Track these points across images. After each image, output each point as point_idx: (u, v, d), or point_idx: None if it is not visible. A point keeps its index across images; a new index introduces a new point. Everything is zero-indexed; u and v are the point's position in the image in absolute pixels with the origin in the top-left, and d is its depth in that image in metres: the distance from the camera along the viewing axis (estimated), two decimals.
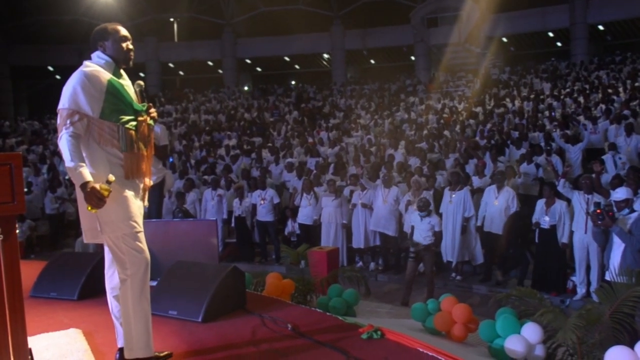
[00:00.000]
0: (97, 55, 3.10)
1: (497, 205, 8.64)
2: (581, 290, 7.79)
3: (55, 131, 21.44)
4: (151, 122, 3.17)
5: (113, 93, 2.99)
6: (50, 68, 31.92)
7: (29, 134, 22.74)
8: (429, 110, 18.64)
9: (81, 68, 3.02)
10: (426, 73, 26.75)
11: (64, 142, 2.83)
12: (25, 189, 13.07)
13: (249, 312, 4.05)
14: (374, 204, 9.89)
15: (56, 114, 2.93)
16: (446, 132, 14.71)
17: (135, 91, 3.18)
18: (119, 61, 3.14)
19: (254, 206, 10.93)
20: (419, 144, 13.15)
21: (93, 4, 26.25)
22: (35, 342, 3.27)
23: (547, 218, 7.93)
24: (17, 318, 2.26)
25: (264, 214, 10.82)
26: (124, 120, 2.99)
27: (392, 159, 11.99)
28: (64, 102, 2.92)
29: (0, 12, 27.91)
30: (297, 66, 34.58)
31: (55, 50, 30.01)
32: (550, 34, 27.77)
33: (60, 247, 12.36)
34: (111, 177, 2.83)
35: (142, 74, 31.68)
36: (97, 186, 2.74)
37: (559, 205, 7.93)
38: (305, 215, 10.52)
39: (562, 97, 16.87)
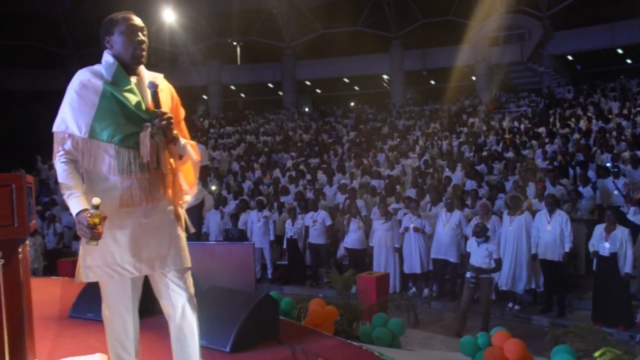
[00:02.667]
0: (104, 55, 2.68)
1: (551, 230, 8.16)
2: None
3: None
4: (159, 133, 2.60)
5: (107, 103, 2.55)
6: None
7: None
8: (490, 131, 18.11)
9: (75, 75, 2.64)
10: (487, 93, 26.12)
11: (57, 171, 2.55)
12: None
13: (280, 343, 3.86)
14: (435, 229, 9.56)
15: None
16: (508, 154, 14.21)
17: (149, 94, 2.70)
18: (125, 59, 2.65)
19: (306, 228, 10.80)
20: (477, 166, 12.72)
21: (158, 29, 27.10)
22: None
23: (607, 245, 7.39)
24: (18, 347, 2.15)
25: (316, 236, 10.66)
26: (119, 137, 2.53)
27: (449, 181, 11.62)
28: (55, 123, 2.59)
29: (75, 40, 29.23)
30: (356, 87, 34.59)
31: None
32: (620, 51, 26.63)
33: None
34: (96, 201, 2.38)
35: (205, 97, 32.50)
36: (86, 214, 2.37)
37: (620, 231, 7.38)
38: (353, 239, 10.28)
39: (632, 116, 16.02)
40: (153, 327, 4.30)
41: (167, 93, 2.79)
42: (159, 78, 2.77)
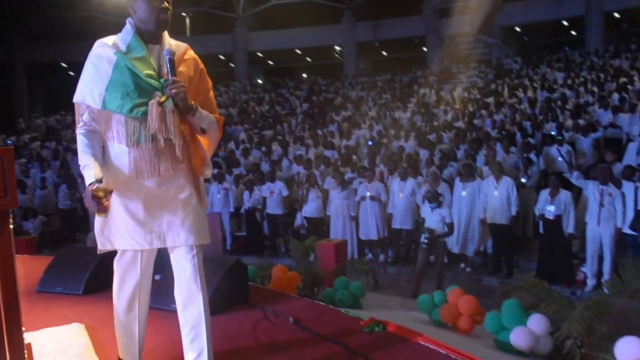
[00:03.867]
0: (126, 23, 2.63)
1: (498, 195, 8.58)
2: (592, 282, 7.71)
3: (69, 127, 21.87)
4: (169, 102, 2.50)
5: (119, 73, 2.50)
6: (64, 65, 32.16)
7: (44, 130, 22.94)
8: (440, 101, 18.52)
9: (94, 45, 2.60)
10: (438, 64, 26.54)
11: (77, 142, 2.55)
12: (40, 185, 13.28)
13: (251, 306, 4.05)
14: (391, 199, 9.84)
15: (69, 110, 2.75)
16: (458, 123, 14.62)
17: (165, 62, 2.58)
18: (148, 25, 2.58)
19: (264, 199, 10.94)
20: (429, 135, 13.07)
21: (105, 0, 26.33)
22: (36, 337, 3.29)
23: (552, 208, 7.85)
24: (12, 313, 2.25)
25: (273, 207, 10.83)
26: (127, 107, 2.50)
27: (402, 150, 11.92)
28: (75, 94, 2.59)
29: (15, 10, 28.20)
30: (308, 59, 34.54)
31: (68, 47, 30.17)
32: (565, 23, 27.41)
33: (71, 242, 12.47)
34: (98, 175, 2.41)
35: None
36: (91, 187, 2.37)
37: (564, 195, 7.86)
38: (312, 208, 10.51)
39: (575, 86, 16.67)
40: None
41: (190, 63, 2.71)
42: (181, 47, 2.72)
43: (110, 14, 27.89)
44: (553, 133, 11.38)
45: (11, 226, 2.29)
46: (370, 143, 13.46)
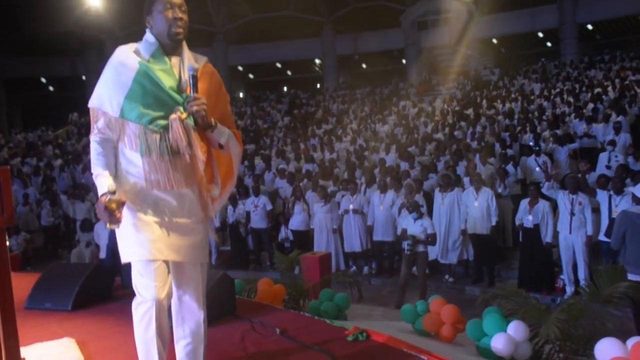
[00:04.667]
0: (145, 34, 2.62)
1: (478, 206, 8.77)
2: (570, 289, 7.90)
3: (49, 143, 21.73)
4: (189, 119, 2.50)
5: (142, 82, 2.46)
6: (43, 80, 32.00)
7: (24, 146, 22.77)
8: (421, 113, 18.77)
9: (115, 52, 2.57)
10: (418, 76, 26.92)
11: (90, 149, 2.53)
12: (22, 201, 13.21)
13: (239, 318, 4.14)
14: (372, 212, 9.98)
15: (49, 126, 2.74)
16: (438, 135, 14.84)
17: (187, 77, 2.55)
18: (164, 38, 2.57)
19: (248, 213, 11.02)
20: (409, 148, 13.26)
21: (84, 14, 26.29)
22: (29, 352, 3.34)
23: (530, 217, 8.06)
24: (10, 329, 2.33)
25: (257, 221, 10.91)
26: (147, 119, 2.47)
27: (383, 163, 12.09)
28: (91, 99, 2.55)
29: None
30: (289, 72, 34.75)
31: (47, 61, 30.10)
32: (540, 35, 28.03)
33: (55, 258, 12.41)
34: (111, 187, 2.40)
35: None
36: (104, 198, 2.37)
37: (542, 204, 8.08)
38: (298, 221, 10.61)
39: (552, 97, 17.02)
40: None
41: (210, 78, 2.69)
42: (201, 61, 2.69)
43: (89, 29, 27.95)
44: (531, 144, 11.64)
45: (7, 243, 2.38)
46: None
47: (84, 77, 30.53)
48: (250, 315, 4.19)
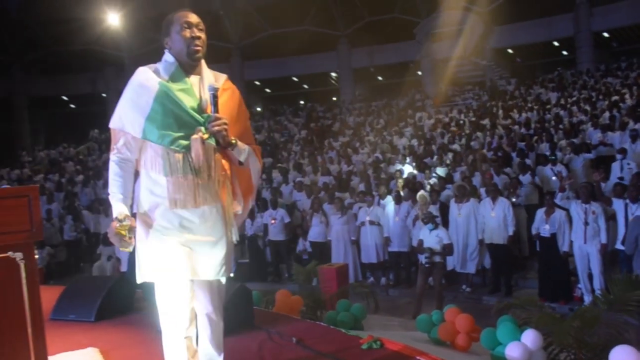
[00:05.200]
0: (164, 54, 2.66)
1: (495, 216, 8.81)
2: (588, 298, 7.88)
3: (71, 159, 22.14)
4: (211, 139, 2.52)
5: (162, 103, 2.49)
6: (65, 97, 32.60)
7: (46, 162, 23.22)
8: (437, 124, 18.81)
9: (135, 73, 2.60)
10: (433, 87, 26.96)
11: (109, 168, 2.58)
12: (45, 217, 13.50)
13: (256, 328, 4.25)
14: (387, 222, 10.05)
15: (71, 143, 2.85)
16: (454, 146, 14.87)
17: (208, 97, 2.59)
18: (182, 58, 2.60)
19: (265, 226, 11.15)
20: (426, 159, 13.32)
21: (103, 33, 26.83)
22: None
23: (547, 227, 8.08)
24: (39, 338, 2.45)
25: (276, 234, 11.04)
26: (168, 139, 2.49)
27: (399, 174, 12.16)
28: (112, 120, 2.58)
29: (16, 45, 28.74)
30: (305, 86, 34.99)
31: (68, 80, 30.68)
32: (556, 43, 27.89)
33: (77, 272, 12.65)
34: (121, 215, 2.47)
35: None
36: (115, 224, 2.45)
37: (559, 214, 8.10)
38: (316, 233, 10.71)
39: (568, 106, 16.97)
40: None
41: (230, 95, 2.72)
42: (221, 79, 2.73)
43: (108, 48, 28.51)
44: (547, 153, 11.64)
45: (36, 256, 2.52)
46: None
47: (104, 95, 31.07)
48: (267, 325, 4.30)
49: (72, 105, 33.22)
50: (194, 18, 2.62)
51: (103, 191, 16.03)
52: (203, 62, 2.70)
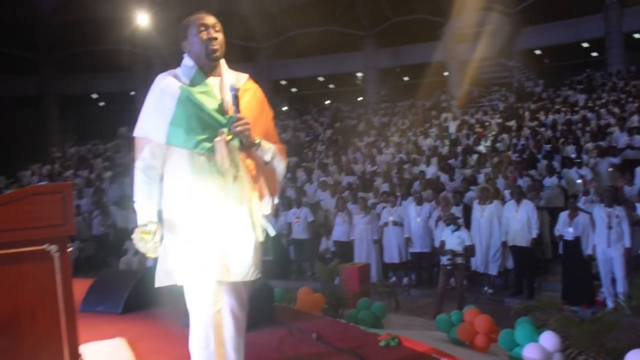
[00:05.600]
0: (183, 58, 2.68)
1: (519, 218, 8.79)
2: (611, 303, 7.82)
3: (100, 155, 22.57)
4: (235, 141, 2.54)
5: (184, 107, 2.50)
6: (94, 96, 33.20)
7: (76, 159, 23.70)
8: (463, 125, 18.74)
9: (155, 80, 2.62)
10: (459, 88, 26.82)
11: (135, 176, 2.60)
12: (75, 212, 13.81)
13: (277, 324, 4.35)
14: (409, 223, 10.10)
15: (101, 139, 2.93)
16: (479, 147, 14.82)
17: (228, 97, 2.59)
18: (201, 59, 2.62)
19: (289, 224, 11.27)
20: (450, 160, 13.30)
21: (132, 33, 27.23)
22: (85, 350, 3.62)
23: (570, 230, 8.05)
24: (71, 326, 2.60)
25: (299, 232, 11.16)
26: (193, 143, 2.50)
27: (422, 175, 12.18)
28: (135, 128, 2.62)
29: (47, 44, 29.38)
30: (331, 85, 35.08)
31: (98, 79, 31.21)
32: (585, 45, 27.52)
33: (104, 266, 12.92)
34: (148, 217, 2.52)
35: None
36: (138, 229, 2.51)
37: (582, 217, 8.06)
38: (340, 232, 10.80)
39: (596, 108, 16.77)
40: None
41: (252, 94, 2.74)
42: (242, 79, 2.75)
43: (138, 47, 28.95)
44: (573, 156, 11.55)
45: (69, 249, 2.66)
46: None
47: (132, 93, 31.57)
48: (288, 321, 4.40)
49: (102, 103, 33.78)
50: (210, 19, 2.64)
51: (130, 188, 16.33)
52: (223, 62, 2.72)
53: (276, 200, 2.88)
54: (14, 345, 2.42)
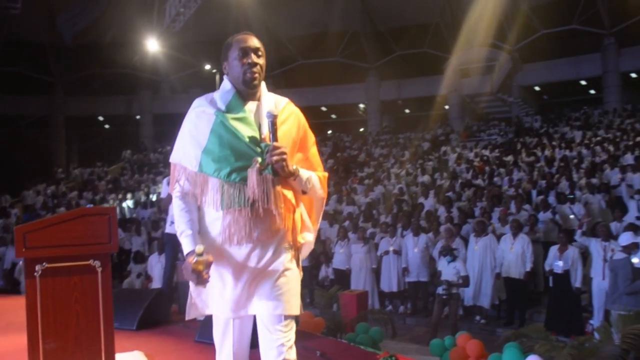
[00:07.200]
0: (223, 81, 2.56)
1: (514, 251, 9.15)
2: (597, 335, 8.10)
3: (103, 178, 22.89)
4: (268, 169, 2.36)
5: (218, 134, 2.38)
6: (101, 118, 33.73)
7: (80, 180, 24.07)
8: (461, 159, 19.15)
9: (192, 104, 2.53)
10: (460, 122, 27.40)
11: (174, 205, 2.49)
12: None
13: None
14: (406, 253, 10.44)
15: (105, 161, 2.99)
16: (477, 181, 15.18)
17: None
18: (238, 84, 2.49)
19: None
20: (447, 193, 13.67)
21: (140, 57, 27.84)
22: None
23: (560, 263, 8.38)
24: (109, 337, 2.94)
25: None
26: (225, 172, 2.37)
27: (421, 207, 12.54)
28: (172, 154, 2.53)
29: (60, 67, 30.02)
30: (333, 116, 35.64)
31: (105, 101, 31.77)
32: (583, 82, 28.16)
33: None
34: (199, 249, 2.29)
35: None
36: (191, 259, 2.29)
37: (572, 250, 8.39)
38: (339, 260, 11.13)
39: (592, 145, 17.18)
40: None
41: (292, 121, 2.58)
42: (281, 103, 2.58)
43: (145, 72, 29.58)
44: (567, 192, 11.93)
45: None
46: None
47: (138, 117, 32.11)
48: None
49: (107, 126, 34.33)
50: (253, 42, 2.52)
51: (134, 211, 16.69)
52: (263, 85, 2.58)
53: (310, 233, 2.73)
54: (62, 348, 2.77)
